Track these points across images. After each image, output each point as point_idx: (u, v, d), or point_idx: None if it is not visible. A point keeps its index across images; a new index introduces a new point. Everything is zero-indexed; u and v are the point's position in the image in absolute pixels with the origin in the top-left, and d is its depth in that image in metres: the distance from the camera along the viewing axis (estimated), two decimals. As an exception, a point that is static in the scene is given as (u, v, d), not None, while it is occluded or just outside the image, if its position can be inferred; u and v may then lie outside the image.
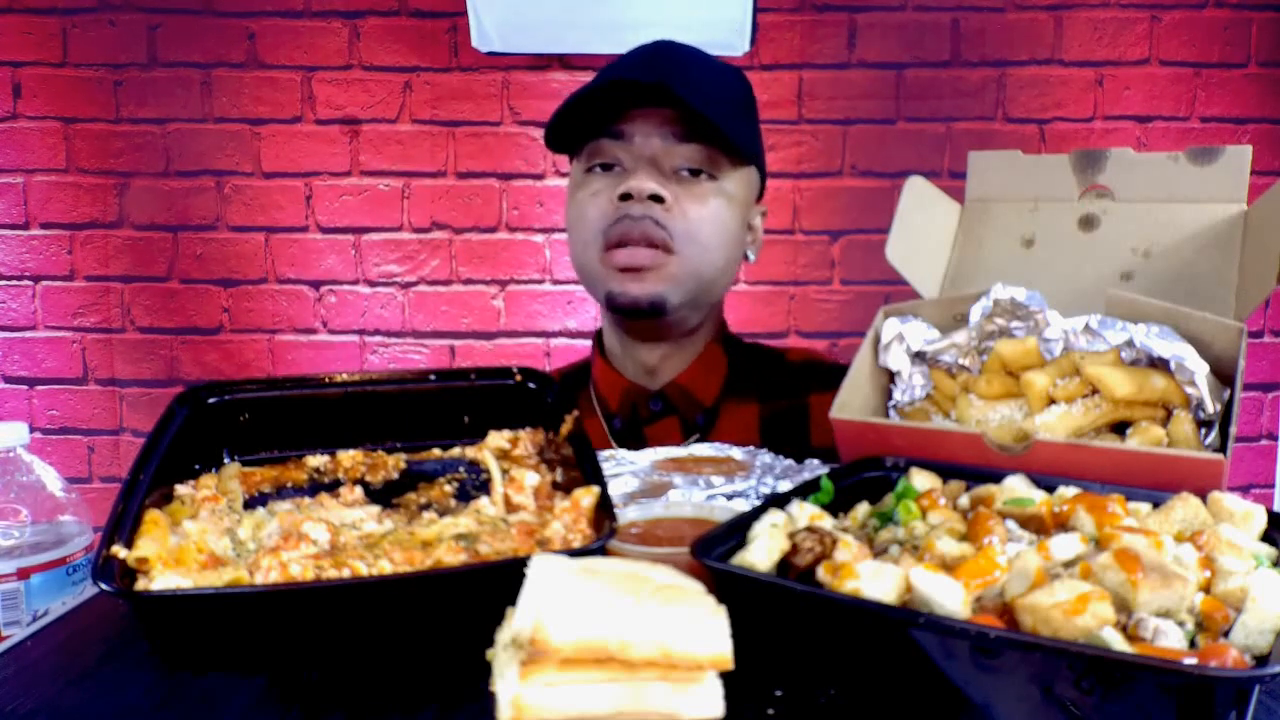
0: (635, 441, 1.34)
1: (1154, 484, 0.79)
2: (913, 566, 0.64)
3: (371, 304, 2.76)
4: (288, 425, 0.93)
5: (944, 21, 2.67)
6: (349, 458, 0.92)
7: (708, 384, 1.36)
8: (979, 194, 1.23)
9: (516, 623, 0.54)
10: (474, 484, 0.89)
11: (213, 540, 0.74)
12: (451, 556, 0.70)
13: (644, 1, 2.52)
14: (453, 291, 2.77)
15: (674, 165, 1.26)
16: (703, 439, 1.33)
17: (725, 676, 0.55)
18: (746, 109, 1.33)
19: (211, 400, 0.91)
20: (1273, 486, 2.78)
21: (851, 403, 1.02)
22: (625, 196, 1.24)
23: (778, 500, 0.81)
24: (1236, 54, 2.67)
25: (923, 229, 1.21)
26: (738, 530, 0.74)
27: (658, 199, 1.23)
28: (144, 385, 2.77)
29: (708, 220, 1.26)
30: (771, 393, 1.36)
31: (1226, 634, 0.60)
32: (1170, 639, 0.57)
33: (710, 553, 0.70)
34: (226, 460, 0.92)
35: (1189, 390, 0.90)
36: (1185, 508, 0.74)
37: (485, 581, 0.65)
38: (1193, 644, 0.59)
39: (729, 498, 0.92)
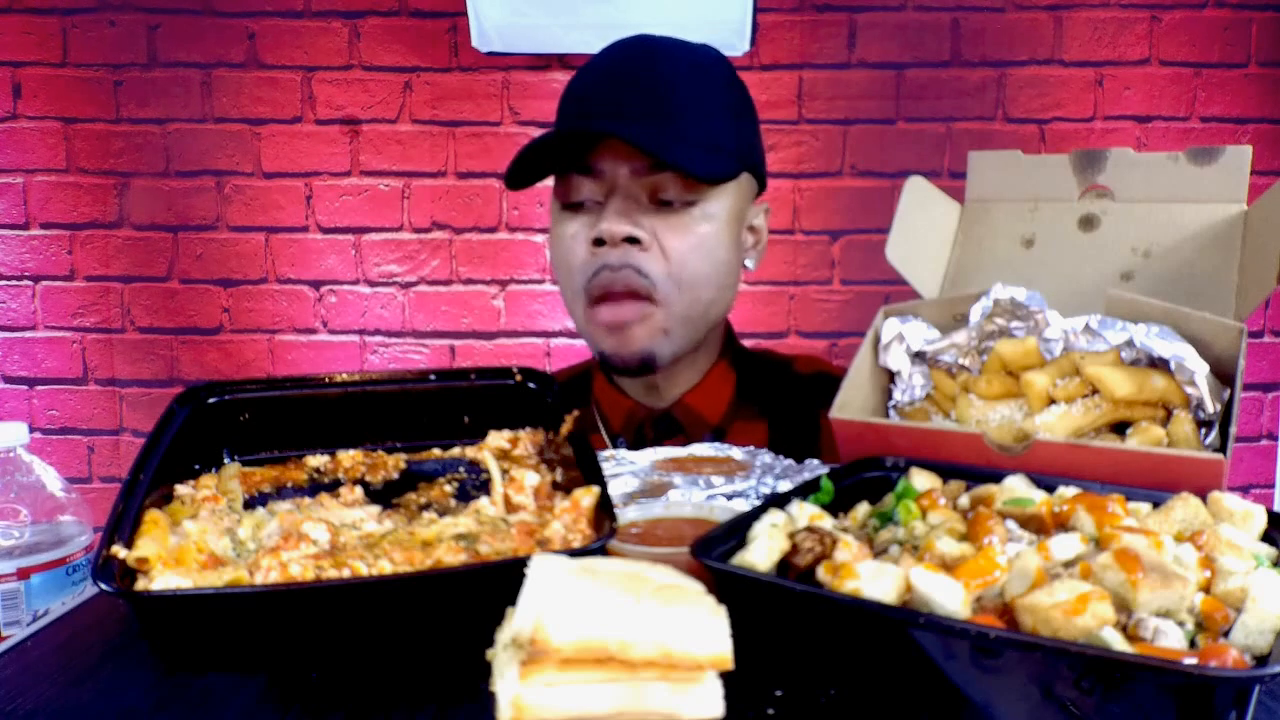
0: None
1: (1154, 484, 0.79)
2: (913, 566, 0.64)
3: (371, 304, 2.77)
4: (288, 425, 0.93)
5: (944, 21, 2.67)
6: (349, 458, 0.92)
7: (716, 402, 1.32)
8: (979, 194, 1.23)
9: (516, 623, 0.54)
10: (474, 484, 0.89)
11: (213, 540, 0.74)
12: (451, 556, 0.70)
13: (644, 1, 2.52)
14: (453, 291, 2.77)
15: (649, 195, 1.19)
16: None
17: (725, 676, 0.55)
18: (732, 112, 1.24)
19: (211, 400, 0.91)
20: (1273, 486, 2.78)
21: (851, 403, 1.02)
22: (599, 241, 1.18)
23: (778, 500, 0.81)
24: (1236, 54, 2.68)
25: (923, 229, 1.21)
26: (738, 530, 0.74)
27: (633, 241, 1.17)
28: (144, 385, 2.77)
29: (690, 253, 1.19)
30: (781, 409, 1.32)
31: (1226, 634, 0.60)
32: (1170, 639, 0.57)
33: (710, 553, 0.69)
34: (227, 460, 0.92)
35: (1189, 390, 0.90)
36: (1185, 508, 0.74)
37: (485, 581, 0.65)
38: (1193, 644, 0.59)
39: (729, 498, 0.92)
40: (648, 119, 1.17)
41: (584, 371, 1.41)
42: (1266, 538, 0.72)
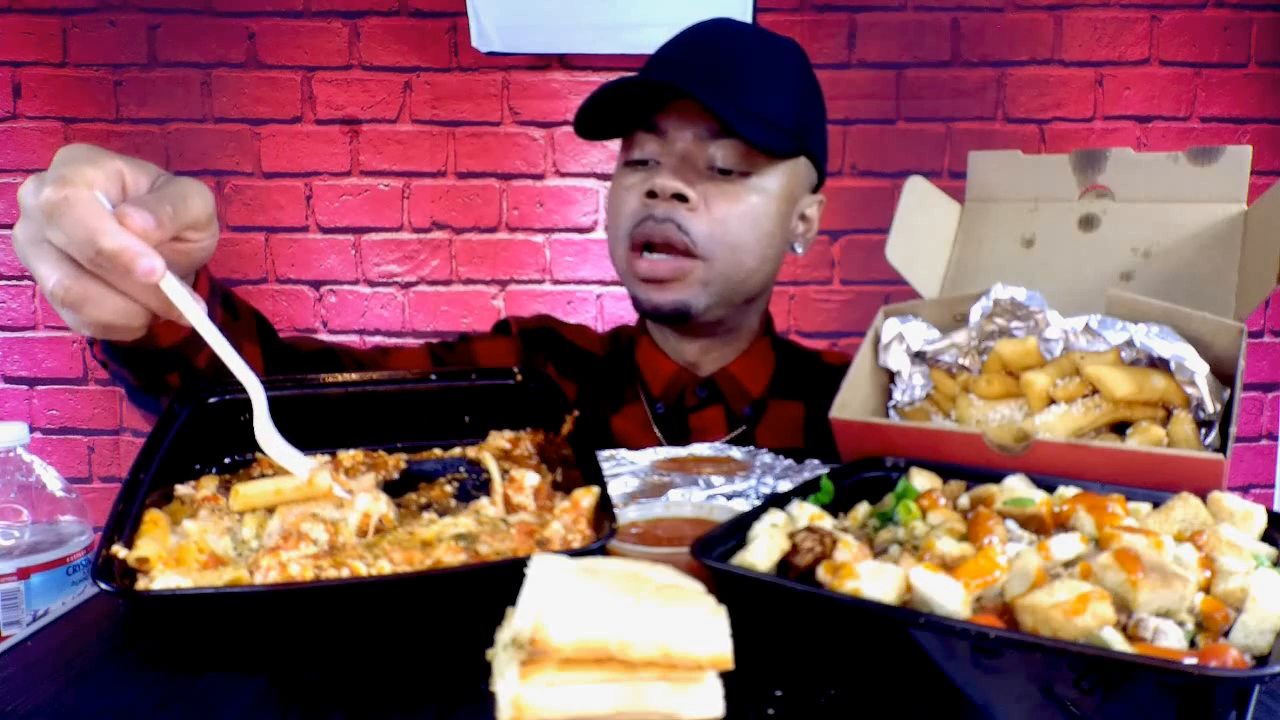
0: (679, 430, 1.32)
1: (1154, 484, 0.79)
2: (913, 566, 0.64)
3: (371, 304, 2.77)
4: (288, 425, 0.93)
5: (944, 21, 2.67)
6: (349, 458, 0.92)
7: (757, 376, 1.36)
8: (979, 194, 1.23)
9: (516, 623, 0.54)
10: (474, 484, 0.89)
11: (213, 540, 0.74)
12: (451, 556, 0.70)
13: (644, 1, 2.52)
14: (453, 291, 2.77)
15: (707, 162, 1.23)
16: (749, 432, 1.32)
17: (725, 676, 0.55)
18: (799, 97, 1.28)
19: (212, 400, 0.91)
20: (1273, 486, 2.78)
21: (851, 403, 1.01)
22: (651, 194, 1.23)
23: (778, 500, 0.81)
24: (1236, 54, 2.68)
25: (923, 229, 1.21)
26: (738, 530, 0.74)
27: (681, 198, 1.21)
28: (144, 385, 2.77)
29: (736, 220, 1.23)
30: (816, 394, 1.32)
31: (1226, 634, 0.60)
32: (1170, 639, 0.57)
33: (710, 553, 0.69)
34: (227, 460, 0.92)
35: (1189, 390, 0.90)
36: (1185, 508, 0.74)
37: (485, 581, 0.65)
38: (1193, 644, 0.59)
39: (729, 498, 0.92)
40: (715, 84, 1.21)
41: (628, 336, 1.43)
42: (1266, 538, 0.72)
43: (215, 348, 0.79)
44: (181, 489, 0.83)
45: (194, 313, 0.78)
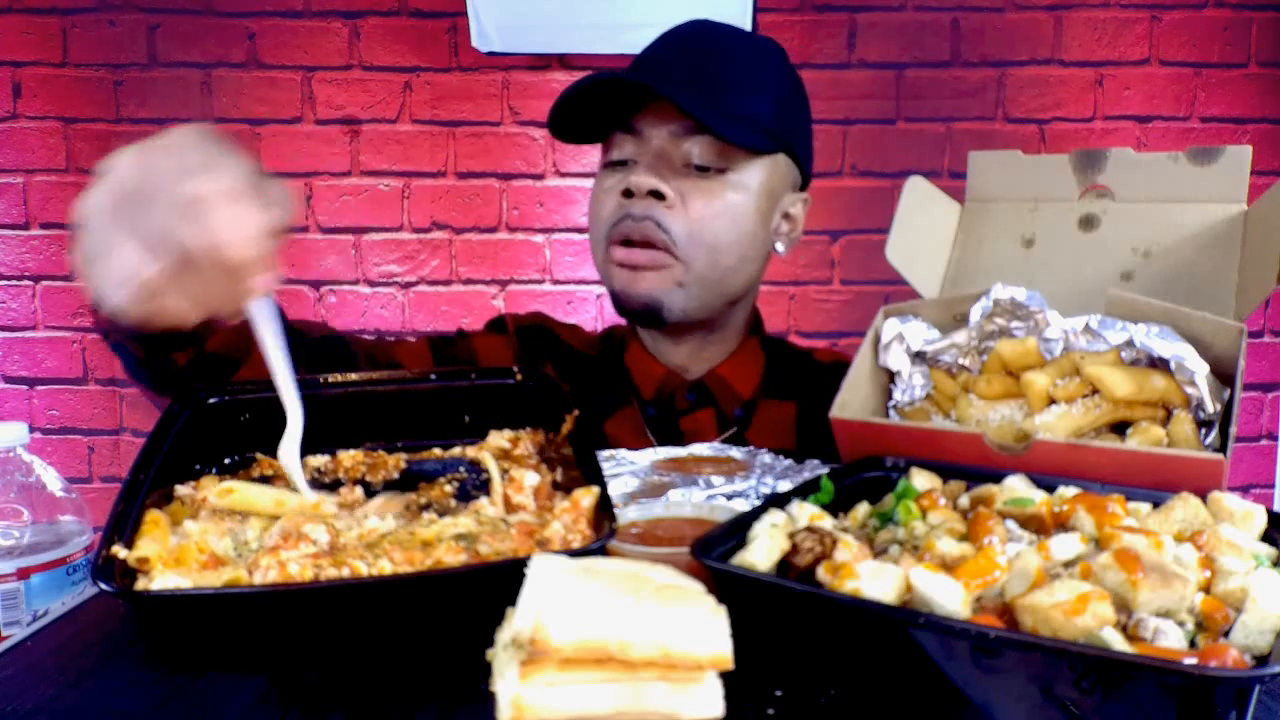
0: (670, 433, 1.31)
1: (1154, 484, 0.79)
2: (913, 566, 0.64)
3: (371, 304, 2.76)
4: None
5: (944, 21, 2.67)
6: (349, 458, 0.92)
7: (747, 377, 1.35)
8: (979, 194, 1.23)
9: (516, 623, 0.54)
10: (474, 484, 0.89)
11: (213, 540, 0.74)
12: (451, 556, 0.70)
13: (644, 1, 2.52)
14: (453, 291, 2.77)
15: (684, 160, 1.22)
16: (740, 434, 1.31)
17: (725, 676, 0.55)
18: (779, 97, 1.27)
19: (212, 400, 0.91)
20: (1273, 486, 2.78)
21: (851, 403, 1.01)
22: (628, 193, 1.22)
23: (778, 500, 0.81)
24: (1236, 54, 2.68)
25: (923, 229, 1.21)
26: (738, 530, 0.74)
27: (658, 195, 1.20)
28: (144, 385, 2.77)
29: (714, 218, 1.22)
30: (808, 394, 1.32)
31: (1226, 634, 0.60)
32: (1170, 639, 0.57)
33: (710, 553, 0.69)
34: (227, 460, 0.92)
35: (1189, 390, 0.90)
36: (1185, 508, 0.74)
37: (485, 581, 0.65)
38: (1193, 644, 0.59)
39: (729, 498, 0.92)
40: (690, 84, 1.20)
41: (619, 337, 1.42)
42: (1266, 538, 0.72)
43: (273, 368, 0.81)
44: (182, 489, 0.83)
45: (269, 331, 0.80)
